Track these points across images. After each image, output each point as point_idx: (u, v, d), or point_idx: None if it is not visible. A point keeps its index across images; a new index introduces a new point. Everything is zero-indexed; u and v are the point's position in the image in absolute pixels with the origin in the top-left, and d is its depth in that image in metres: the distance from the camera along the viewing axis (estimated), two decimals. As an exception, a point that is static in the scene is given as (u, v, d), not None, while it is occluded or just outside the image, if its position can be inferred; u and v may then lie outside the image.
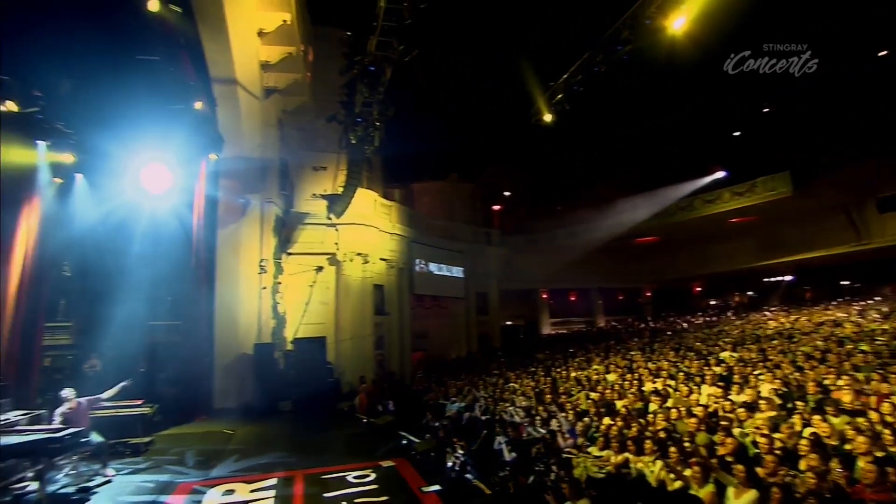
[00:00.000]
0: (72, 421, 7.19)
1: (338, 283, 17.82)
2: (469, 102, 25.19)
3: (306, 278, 17.29)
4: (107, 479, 7.39)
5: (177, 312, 13.09)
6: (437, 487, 6.82)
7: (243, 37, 13.03)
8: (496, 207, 32.94)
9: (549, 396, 10.27)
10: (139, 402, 9.23)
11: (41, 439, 6.54)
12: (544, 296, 33.26)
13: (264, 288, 15.01)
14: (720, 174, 26.17)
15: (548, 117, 12.46)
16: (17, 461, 6.63)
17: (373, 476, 7.56)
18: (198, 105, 11.37)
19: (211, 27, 11.93)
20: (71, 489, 6.97)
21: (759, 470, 4.72)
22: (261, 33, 13.88)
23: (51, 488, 6.70)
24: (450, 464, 7.12)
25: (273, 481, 7.42)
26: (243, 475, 7.82)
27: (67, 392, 7.49)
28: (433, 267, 23.71)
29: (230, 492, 7.07)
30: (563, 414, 8.44)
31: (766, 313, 23.33)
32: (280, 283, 15.81)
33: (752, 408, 6.79)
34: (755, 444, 5.60)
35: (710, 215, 25.59)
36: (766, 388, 7.85)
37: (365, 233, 18.79)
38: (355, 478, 7.48)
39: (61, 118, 9.36)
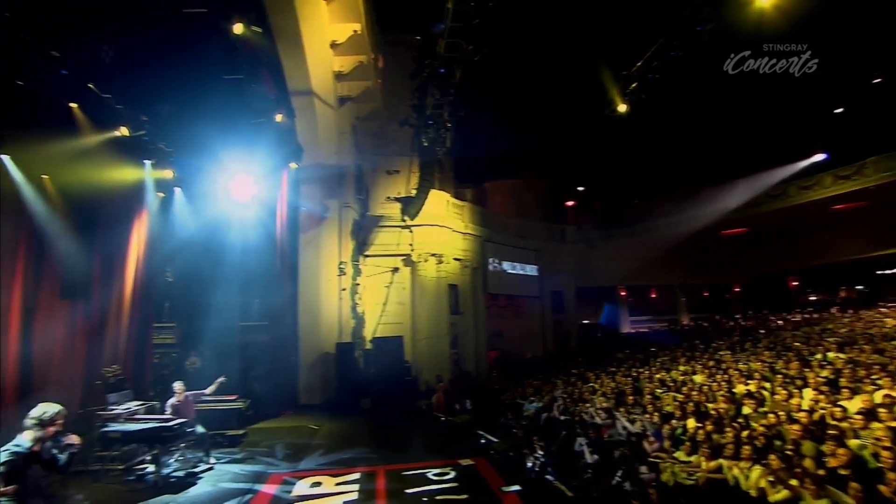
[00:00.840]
0: (180, 412, 7.95)
1: (413, 283, 18.18)
2: (538, 98, 24.68)
3: (383, 279, 17.81)
4: (209, 466, 8.06)
5: (264, 314, 13.96)
6: (516, 487, 6.76)
7: (317, 49, 13.64)
8: (570, 203, 32.07)
9: (630, 398, 9.86)
10: (234, 398, 10.03)
11: (157, 427, 7.36)
12: (623, 293, 31.96)
13: (344, 289, 15.61)
14: (819, 157, 23.73)
15: (622, 107, 11.91)
16: (137, 446, 7.52)
17: (452, 474, 7.64)
18: (278, 118, 12.03)
19: (288, 43, 12.60)
20: (181, 473, 7.68)
21: (882, 488, 4.22)
22: (333, 44, 14.46)
23: (164, 471, 7.45)
24: (529, 464, 7.04)
25: (356, 475, 7.70)
26: (329, 469, 8.20)
27: (178, 385, 8.28)
28: (507, 266, 23.55)
29: (317, 484, 7.42)
30: (648, 416, 8.07)
31: (882, 309, 20.82)
32: (358, 284, 16.39)
33: (870, 416, 6.06)
34: (876, 456, 5.01)
35: (808, 202, 23.30)
36: (879, 395, 6.99)
37: (438, 233, 19.03)
38: (435, 475, 7.59)
39: (162, 138, 10.33)
